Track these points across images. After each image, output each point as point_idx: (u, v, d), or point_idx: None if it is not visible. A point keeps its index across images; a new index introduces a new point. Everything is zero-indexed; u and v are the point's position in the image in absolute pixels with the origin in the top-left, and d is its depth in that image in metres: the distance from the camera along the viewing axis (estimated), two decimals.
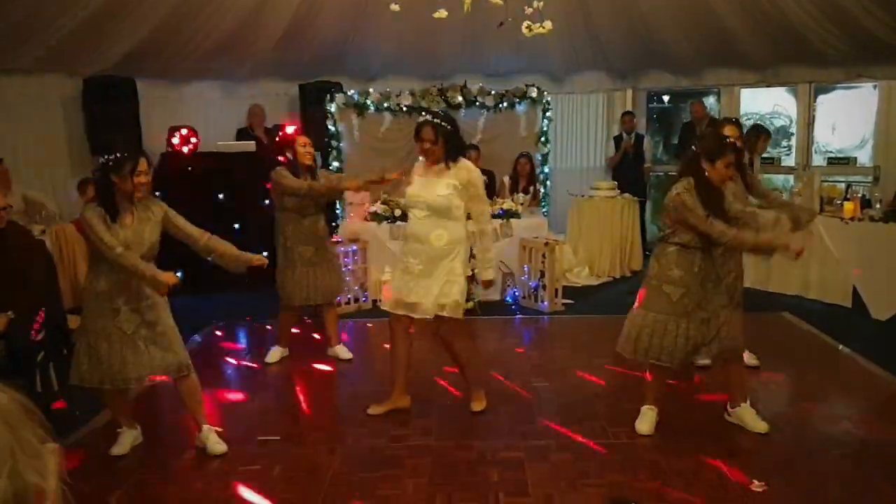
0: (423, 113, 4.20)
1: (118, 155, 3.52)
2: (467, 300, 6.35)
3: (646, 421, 3.97)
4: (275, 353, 5.33)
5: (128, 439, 3.88)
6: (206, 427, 3.85)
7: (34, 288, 4.10)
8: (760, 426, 3.90)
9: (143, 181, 3.56)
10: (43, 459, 0.93)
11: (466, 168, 4.05)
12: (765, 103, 9.69)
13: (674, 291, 3.74)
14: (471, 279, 6.46)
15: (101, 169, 3.56)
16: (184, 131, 7.58)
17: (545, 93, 8.34)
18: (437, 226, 4.00)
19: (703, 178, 3.67)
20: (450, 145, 3.99)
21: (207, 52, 7.95)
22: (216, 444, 3.82)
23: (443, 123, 3.98)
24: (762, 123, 7.91)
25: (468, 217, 4.12)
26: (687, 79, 9.37)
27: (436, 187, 3.99)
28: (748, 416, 3.94)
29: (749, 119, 8.99)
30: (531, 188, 7.94)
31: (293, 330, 5.56)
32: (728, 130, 4.35)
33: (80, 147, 7.68)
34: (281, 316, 5.33)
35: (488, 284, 4.36)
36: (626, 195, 8.28)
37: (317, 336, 5.81)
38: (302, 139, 5.04)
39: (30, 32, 6.72)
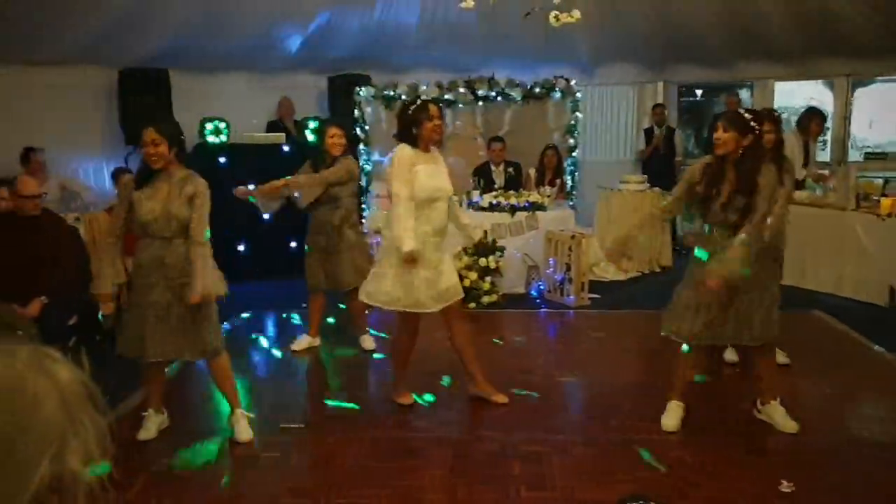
0: (439, 104, 4.13)
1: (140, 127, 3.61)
2: (491, 293, 6.40)
3: (672, 416, 3.92)
4: (302, 342, 5.38)
5: (154, 423, 3.92)
6: (238, 412, 3.90)
7: (67, 273, 4.18)
8: (790, 425, 3.84)
9: (151, 152, 3.55)
10: (93, 447, 0.89)
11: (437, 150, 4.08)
12: (800, 97, 9.52)
13: (699, 272, 3.70)
14: (495, 271, 6.48)
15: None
16: (215, 123, 7.66)
17: (574, 84, 8.27)
18: (449, 215, 4.08)
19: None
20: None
21: (239, 44, 8.03)
22: (243, 431, 3.86)
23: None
24: (816, 106, 7.73)
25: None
26: (719, 72, 9.24)
27: (443, 175, 3.99)
28: (778, 415, 3.88)
29: (783, 113, 8.83)
30: (558, 181, 7.89)
31: (328, 319, 5.58)
32: (765, 126, 4.23)
33: (115, 137, 7.81)
34: (310, 301, 5.38)
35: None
36: (656, 189, 8.17)
37: (346, 325, 5.84)
38: (331, 129, 5.06)
39: (66, 24, 6.84)
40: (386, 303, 3.98)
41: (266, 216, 5.20)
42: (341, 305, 5.83)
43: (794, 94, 9.51)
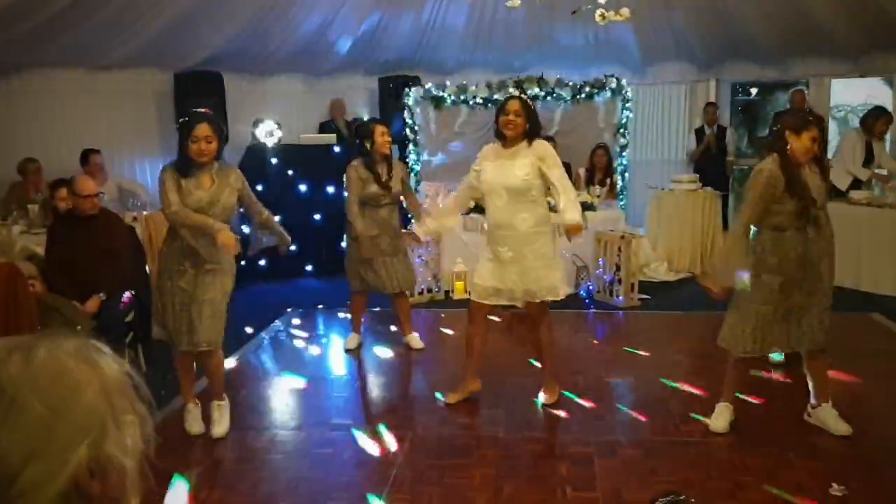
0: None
1: (185, 119, 3.67)
2: None
3: (721, 418, 3.87)
4: (352, 340, 5.45)
5: (195, 416, 3.96)
6: (215, 403, 3.92)
7: (124, 271, 4.32)
8: (842, 428, 3.75)
9: (197, 149, 3.58)
10: (135, 436, 0.92)
11: (542, 143, 4.04)
12: (857, 95, 9.25)
13: (773, 280, 3.62)
14: None
15: (179, 130, 3.70)
16: (268, 124, 7.80)
17: (625, 83, 8.19)
18: (518, 210, 3.96)
19: (787, 155, 3.56)
20: (531, 123, 3.98)
21: (291, 47, 8.18)
22: (219, 425, 3.87)
23: (529, 101, 4.07)
24: (882, 105, 7.51)
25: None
26: (773, 70, 9.03)
27: (512, 169, 3.94)
28: (830, 418, 3.80)
29: (840, 111, 8.61)
30: (608, 180, 7.83)
31: (380, 318, 5.65)
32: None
33: (171, 139, 7.99)
34: (352, 301, 5.44)
35: (576, 228, 4.00)
36: (708, 189, 8.05)
37: (394, 325, 5.90)
38: (380, 128, 5.06)
39: (125, 30, 7.06)
40: (474, 292, 4.18)
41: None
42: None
43: (851, 92, 9.23)
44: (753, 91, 10.49)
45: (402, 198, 5.20)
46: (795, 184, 3.52)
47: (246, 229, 5.48)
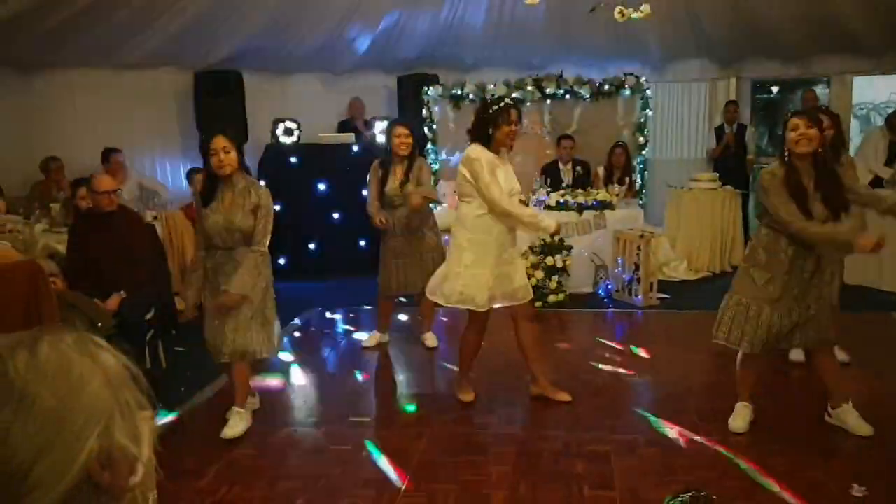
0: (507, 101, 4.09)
1: (205, 136, 3.70)
2: (558, 292, 6.37)
3: (739, 418, 3.84)
4: (372, 338, 5.46)
5: (242, 417, 3.94)
6: (237, 408, 3.93)
7: (144, 269, 4.36)
8: (864, 429, 3.71)
9: (221, 159, 3.60)
10: (138, 425, 0.95)
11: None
12: (880, 92, 9.12)
13: (759, 276, 3.64)
14: (562, 270, 6.45)
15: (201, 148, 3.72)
16: (287, 123, 7.85)
17: (644, 81, 8.15)
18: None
19: (785, 154, 3.56)
20: None
21: (310, 46, 8.22)
22: (231, 427, 3.87)
23: None
24: None
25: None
26: (795, 67, 8.93)
27: (512, 174, 4.05)
28: (851, 418, 3.76)
29: (862, 109, 8.50)
30: (626, 179, 7.79)
31: (399, 317, 5.67)
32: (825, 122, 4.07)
33: (191, 138, 8.09)
34: (379, 303, 5.44)
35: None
36: (728, 187, 7.99)
37: (415, 323, 5.91)
38: (397, 129, 5.04)
39: (143, 29, 7.13)
40: (460, 301, 4.02)
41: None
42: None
43: (873, 90, 9.10)
44: (775, 89, 10.36)
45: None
46: (789, 184, 3.51)
47: None
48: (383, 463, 3.63)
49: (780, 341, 3.70)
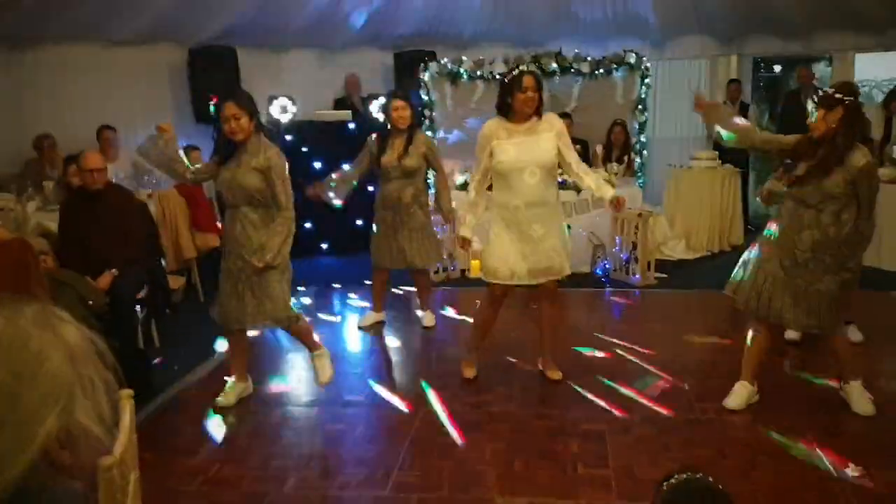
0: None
1: (217, 103, 3.67)
2: None
3: (737, 396, 3.82)
4: (368, 318, 5.45)
5: (234, 391, 4.02)
6: (315, 353, 4.09)
7: (136, 247, 4.32)
8: (866, 408, 3.68)
9: (232, 126, 3.61)
10: (103, 404, 0.91)
11: (553, 116, 4.02)
12: (883, 70, 9.01)
13: (766, 243, 3.68)
14: None
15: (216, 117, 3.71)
16: (282, 100, 7.76)
17: (644, 58, 8.05)
18: (548, 185, 3.97)
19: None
20: (541, 97, 3.94)
21: (305, 21, 8.12)
22: (322, 371, 4.06)
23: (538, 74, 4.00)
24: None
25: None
26: (796, 43, 8.82)
27: (539, 144, 3.88)
28: (855, 395, 3.73)
29: (864, 87, 8.41)
30: (626, 157, 7.72)
31: (395, 294, 5.67)
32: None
33: (185, 115, 8.01)
34: (373, 280, 5.42)
35: (618, 203, 4.14)
36: (728, 166, 7.92)
37: (412, 303, 5.88)
38: (396, 102, 5.01)
39: (136, 3, 7.03)
40: (486, 275, 4.04)
41: (338, 203, 5.19)
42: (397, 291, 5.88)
43: (876, 67, 8.99)
44: (777, 67, 10.25)
45: (426, 172, 5.20)
46: (798, 151, 3.57)
47: None
48: (377, 442, 3.61)
49: (771, 311, 3.65)
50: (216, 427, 3.78)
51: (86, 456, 0.87)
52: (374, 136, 5.12)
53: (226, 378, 4.12)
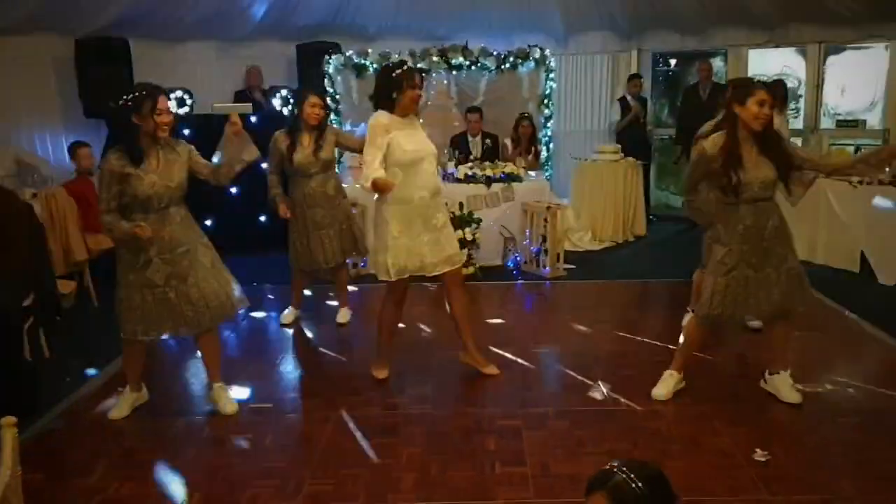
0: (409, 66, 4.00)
1: (136, 94, 3.42)
2: (468, 265, 6.30)
3: (664, 386, 3.88)
4: (289, 315, 5.32)
5: (128, 402, 3.84)
6: (217, 385, 3.87)
7: (20, 252, 4.00)
8: (793, 396, 3.78)
9: (165, 120, 3.46)
10: None
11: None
12: (773, 64, 9.44)
13: (718, 250, 3.66)
14: (471, 243, 6.38)
15: (121, 111, 3.44)
16: (178, 93, 7.42)
17: (548, 53, 8.13)
18: (438, 175, 4.05)
19: (733, 133, 3.53)
20: None
21: (202, 11, 7.78)
22: (228, 404, 3.84)
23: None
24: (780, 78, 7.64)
25: None
26: (693, 39, 9.12)
27: (424, 137, 3.94)
28: (784, 386, 3.82)
29: (757, 81, 8.75)
30: (532, 148, 7.80)
31: (307, 293, 5.58)
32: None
33: (73, 109, 7.54)
34: (295, 278, 5.28)
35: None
36: (630, 159, 8.12)
37: (330, 301, 5.72)
38: (311, 98, 4.87)
39: None
40: (397, 274, 3.90)
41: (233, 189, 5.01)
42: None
43: (767, 62, 9.42)
44: (673, 62, 10.57)
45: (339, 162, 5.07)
46: (732, 163, 3.51)
47: None
48: (287, 451, 3.47)
49: (735, 313, 3.71)
50: (113, 442, 3.56)
51: None
52: (278, 134, 4.94)
53: (119, 389, 3.88)
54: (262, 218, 7.22)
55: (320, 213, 4.91)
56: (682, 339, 4.09)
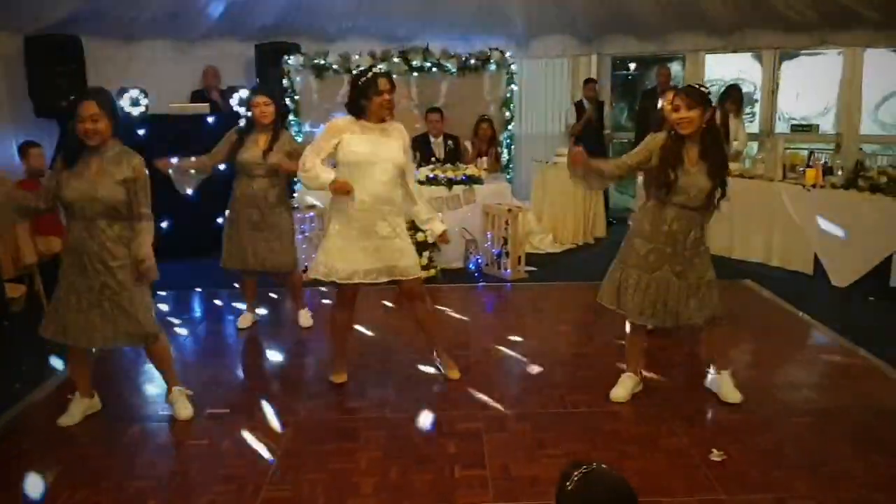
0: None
1: (75, 98, 3.36)
2: (429, 268, 6.28)
3: (622, 387, 3.91)
4: (245, 318, 5.26)
5: (79, 408, 3.73)
6: (176, 389, 3.79)
7: None
8: (734, 396, 3.85)
9: (87, 128, 3.32)
10: None
11: (402, 128, 3.97)
12: (729, 69, 9.63)
13: (641, 245, 3.69)
14: (432, 246, 6.36)
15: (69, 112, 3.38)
16: (133, 93, 7.27)
17: (508, 56, 8.17)
18: (396, 186, 3.91)
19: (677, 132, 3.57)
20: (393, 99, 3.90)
21: (158, 9, 7.64)
22: (183, 409, 3.76)
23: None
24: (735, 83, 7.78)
25: None
26: (652, 44, 9.24)
27: (389, 145, 3.85)
28: (724, 385, 3.88)
29: (713, 86, 8.91)
30: (492, 151, 7.81)
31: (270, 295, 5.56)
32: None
33: (22, 108, 7.33)
34: (242, 280, 5.21)
35: (445, 237, 4.23)
36: None
37: (283, 302, 5.67)
38: (258, 98, 4.82)
39: None
40: (325, 274, 3.87)
41: (189, 192, 4.91)
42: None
43: (724, 67, 9.59)
44: (632, 66, 10.70)
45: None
46: (669, 160, 3.55)
47: None
48: (244, 456, 3.41)
49: (666, 317, 3.73)
50: (66, 446, 3.46)
51: None
52: (233, 130, 4.94)
53: (69, 396, 3.77)
54: (220, 220, 7.09)
55: (256, 215, 4.83)
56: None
